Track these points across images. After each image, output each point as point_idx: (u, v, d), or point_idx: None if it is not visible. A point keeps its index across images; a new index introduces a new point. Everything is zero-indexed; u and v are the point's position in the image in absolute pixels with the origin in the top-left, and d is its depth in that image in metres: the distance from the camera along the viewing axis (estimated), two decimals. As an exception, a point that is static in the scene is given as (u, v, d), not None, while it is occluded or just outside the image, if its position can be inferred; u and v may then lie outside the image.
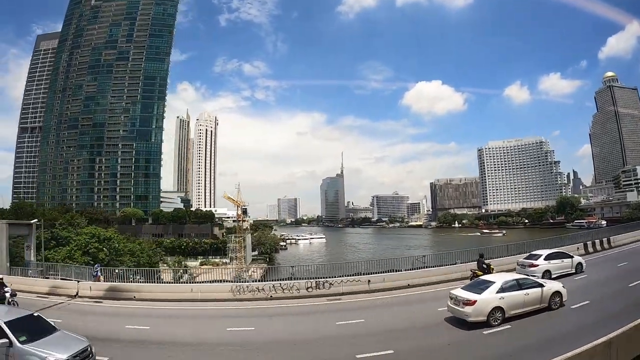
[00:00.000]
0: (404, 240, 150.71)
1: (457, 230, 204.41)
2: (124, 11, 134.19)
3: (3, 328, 10.11)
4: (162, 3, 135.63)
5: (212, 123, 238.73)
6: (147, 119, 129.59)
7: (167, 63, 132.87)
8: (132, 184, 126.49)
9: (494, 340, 12.49)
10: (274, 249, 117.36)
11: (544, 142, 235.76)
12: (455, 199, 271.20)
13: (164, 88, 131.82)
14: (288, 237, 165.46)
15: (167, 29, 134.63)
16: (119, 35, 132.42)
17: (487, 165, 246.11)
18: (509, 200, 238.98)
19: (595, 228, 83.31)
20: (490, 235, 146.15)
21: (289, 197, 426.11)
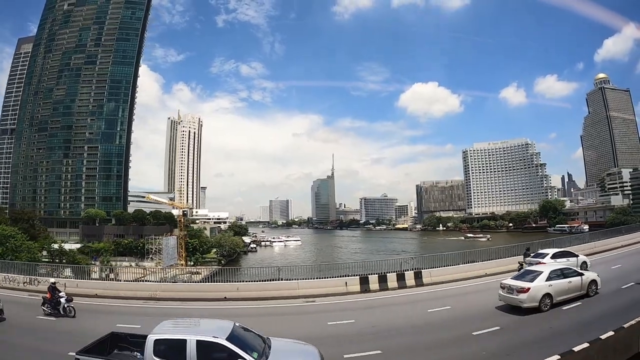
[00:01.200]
0: (384, 244, 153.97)
1: (442, 234, 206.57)
2: (93, 16, 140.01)
3: (233, 349, 8.80)
4: (131, 7, 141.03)
5: (196, 125, 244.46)
6: (113, 122, 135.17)
7: (134, 66, 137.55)
8: (96, 186, 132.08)
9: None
10: (234, 252, 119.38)
11: (530, 144, 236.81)
12: (441, 202, 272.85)
13: (129, 91, 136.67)
14: (262, 240, 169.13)
15: (135, 32, 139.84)
16: (88, 40, 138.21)
17: (471, 167, 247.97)
18: (494, 203, 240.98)
19: (577, 233, 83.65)
20: (475, 239, 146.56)
21: (281, 199, 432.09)
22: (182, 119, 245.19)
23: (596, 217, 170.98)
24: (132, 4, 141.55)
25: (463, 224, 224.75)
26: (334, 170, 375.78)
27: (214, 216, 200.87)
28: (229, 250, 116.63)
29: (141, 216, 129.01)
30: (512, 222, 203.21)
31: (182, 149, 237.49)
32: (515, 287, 16.33)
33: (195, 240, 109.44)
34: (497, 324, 14.38)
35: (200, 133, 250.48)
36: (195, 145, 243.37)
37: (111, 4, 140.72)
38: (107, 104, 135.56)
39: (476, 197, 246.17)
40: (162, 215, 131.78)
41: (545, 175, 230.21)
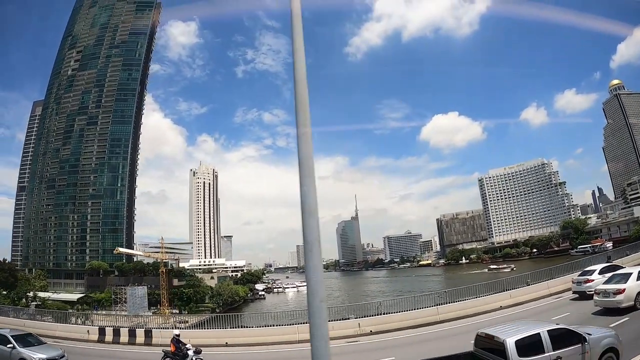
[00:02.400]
0: (401, 283, 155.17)
1: (465, 267, 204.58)
2: (94, 79, 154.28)
3: None
4: (127, 69, 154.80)
5: (210, 176, 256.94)
6: (113, 179, 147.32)
7: (132, 124, 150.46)
8: (99, 239, 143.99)
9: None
10: (233, 300, 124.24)
11: (547, 164, 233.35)
12: (463, 234, 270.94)
13: (128, 148, 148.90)
14: (275, 286, 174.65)
15: (132, 92, 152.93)
16: (89, 102, 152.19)
17: (489, 195, 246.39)
18: (515, 229, 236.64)
19: (600, 252, 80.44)
20: (499, 270, 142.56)
21: None
22: (197, 171, 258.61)
23: (620, 231, 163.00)
24: (128, 66, 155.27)
25: (486, 254, 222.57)
26: (357, 210, 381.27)
27: (230, 265, 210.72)
28: (227, 299, 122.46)
29: (140, 267, 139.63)
30: (534, 247, 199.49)
31: (197, 200, 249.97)
32: (610, 290, 18.29)
33: (189, 289, 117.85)
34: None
35: (216, 184, 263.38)
36: (211, 196, 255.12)
37: (110, 68, 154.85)
38: (108, 161, 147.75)
39: (497, 226, 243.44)
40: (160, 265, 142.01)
41: (566, 194, 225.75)
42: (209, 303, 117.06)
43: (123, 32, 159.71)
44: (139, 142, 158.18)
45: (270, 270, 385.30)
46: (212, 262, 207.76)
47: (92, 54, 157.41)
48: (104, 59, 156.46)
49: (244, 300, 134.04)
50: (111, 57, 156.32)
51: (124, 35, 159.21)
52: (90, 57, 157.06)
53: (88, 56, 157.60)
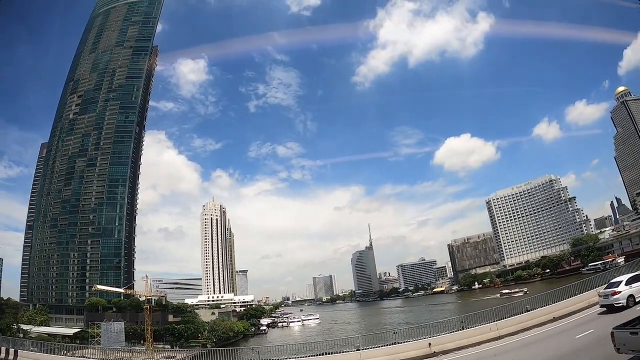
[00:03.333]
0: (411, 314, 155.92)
1: (478, 292, 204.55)
2: (93, 122, 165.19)
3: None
4: (124, 112, 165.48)
5: (218, 212, 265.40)
6: (112, 218, 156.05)
7: (129, 165, 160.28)
8: (98, 276, 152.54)
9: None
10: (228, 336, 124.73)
11: (554, 180, 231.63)
12: (475, 258, 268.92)
13: (125, 189, 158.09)
14: (279, 321, 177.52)
15: (128, 134, 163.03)
16: (89, 144, 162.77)
17: (497, 217, 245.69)
18: (526, 250, 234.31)
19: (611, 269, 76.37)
20: (510, 295, 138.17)
21: (324, 275, 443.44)
22: (205, 208, 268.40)
23: (632, 244, 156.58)
24: (125, 109, 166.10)
25: (499, 278, 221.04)
26: (371, 240, 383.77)
27: (238, 300, 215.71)
28: (222, 335, 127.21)
29: (136, 303, 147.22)
30: (545, 267, 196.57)
31: (205, 236, 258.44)
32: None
33: (181, 325, 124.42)
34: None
35: (224, 220, 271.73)
36: (219, 232, 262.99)
37: (108, 111, 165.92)
38: (106, 201, 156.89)
39: (507, 248, 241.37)
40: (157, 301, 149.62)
41: (576, 209, 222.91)
42: (201, 339, 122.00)
43: (120, 76, 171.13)
44: (138, 182, 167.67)
45: (287, 303, 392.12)
46: (220, 298, 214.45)
47: (91, 98, 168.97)
48: (102, 102, 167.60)
49: (244, 336, 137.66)
50: (109, 100, 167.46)
51: (121, 80, 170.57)
52: (90, 101, 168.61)
53: (88, 100, 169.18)
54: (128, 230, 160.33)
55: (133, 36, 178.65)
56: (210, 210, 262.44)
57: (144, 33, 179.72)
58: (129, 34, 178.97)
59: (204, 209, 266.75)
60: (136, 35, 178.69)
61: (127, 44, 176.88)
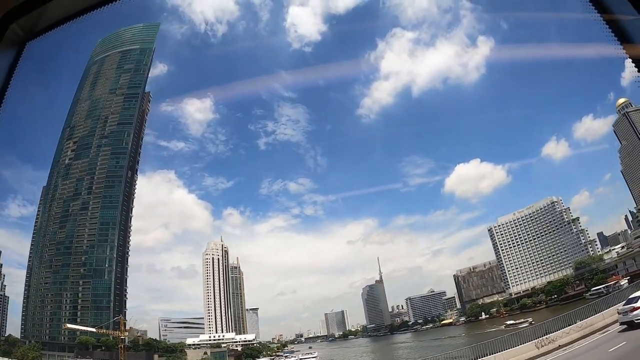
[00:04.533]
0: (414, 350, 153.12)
1: (485, 323, 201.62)
2: (87, 167, 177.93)
3: None
4: (115, 157, 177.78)
5: (219, 251, 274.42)
6: (102, 260, 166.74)
7: (119, 209, 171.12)
8: (89, 315, 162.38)
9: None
10: None
11: (556, 202, 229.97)
12: (482, 287, 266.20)
13: (116, 232, 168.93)
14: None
15: (119, 179, 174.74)
16: (82, 188, 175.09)
17: (500, 244, 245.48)
18: (532, 277, 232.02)
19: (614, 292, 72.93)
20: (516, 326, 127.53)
21: (336, 311, 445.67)
22: (207, 247, 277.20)
23: (636, 264, 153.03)
24: (116, 154, 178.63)
25: (505, 307, 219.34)
26: (381, 273, 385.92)
27: (240, 339, 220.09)
28: None
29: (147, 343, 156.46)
30: (549, 294, 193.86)
31: (207, 276, 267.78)
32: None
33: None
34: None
35: (227, 258, 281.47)
36: (221, 271, 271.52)
37: (100, 156, 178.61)
38: (97, 243, 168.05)
39: (512, 275, 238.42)
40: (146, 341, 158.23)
41: (581, 230, 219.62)
42: None
43: (112, 122, 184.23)
44: (130, 224, 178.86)
45: (300, 340, 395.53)
46: (221, 337, 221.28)
47: (85, 144, 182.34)
48: (95, 148, 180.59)
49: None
50: (101, 146, 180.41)
51: (112, 126, 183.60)
52: (84, 147, 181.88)
53: (82, 146, 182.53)
54: (120, 271, 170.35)
55: (125, 83, 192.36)
56: (212, 250, 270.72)
57: (135, 80, 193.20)
58: (121, 82, 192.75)
59: (206, 249, 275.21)
60: (128, 83, 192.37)
61: (119, 91, 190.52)
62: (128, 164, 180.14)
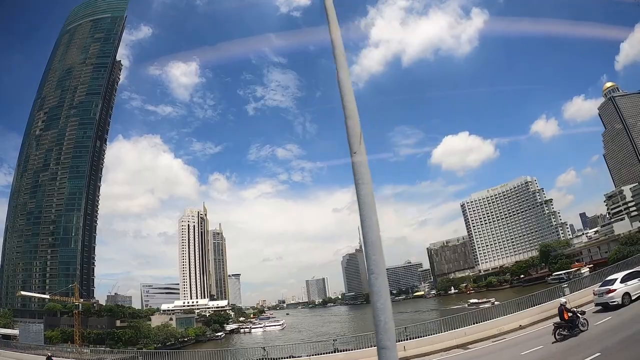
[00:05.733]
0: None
1: (454, 298, 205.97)
2: (56, 138, 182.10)
3: None
4: (82, 127, 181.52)
5: (195, 218, 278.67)
6: (69, 229, 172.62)
7: (86, 179, 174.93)
8: (56, 283, 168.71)
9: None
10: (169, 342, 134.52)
11: (530, 182, 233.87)
12: (454, 262, 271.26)
13: (82, 201, 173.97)
14: (240, 327, 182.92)
15: (85, 149, 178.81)
16: (51, 159, 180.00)
17: (472, 220, 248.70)
18: (502, 255, 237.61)
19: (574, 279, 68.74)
20: (478, 306, 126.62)
21: (317, 278, 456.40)
22: (182, 215, 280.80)
23: (600, 252, 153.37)
24: (83, 125, 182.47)
25: (474, 283, 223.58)
26: (361, 243, 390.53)
27: (213, 305, 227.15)
28: (164, 340, 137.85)
29: (87, 308, 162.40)
30: (514, 274, 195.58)
31: (182, 243, 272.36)
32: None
33: (120, 330, 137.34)
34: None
35: (205, 225, 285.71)
36: (196, 238, 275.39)
37: (68, 127, 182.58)
38: (64, 213, 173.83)
39: (482, 252, 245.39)
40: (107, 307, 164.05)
41: (552, 212, 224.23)
42: (139, 344, 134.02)
43: (81, 93, 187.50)
44: (98, 194, 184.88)
45: (282, 306, 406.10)
46: (195, 303, 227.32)
47: (55, 114, 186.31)
48: (64, 119, 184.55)
49: (197, 341, 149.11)
50: (70, 117, 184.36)
51: (81, 96, 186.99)
52: (53, 118, 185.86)
53: (52, 117, 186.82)
54: (88, 239, 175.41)
55: (95, 53, 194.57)
56: (187, 217, 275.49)
57: (105, 50, 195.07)
58: (91, 51, 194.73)
59: (181, 216, 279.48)
60: (97, 52, 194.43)
61: (89, 61, 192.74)
62: (96, 133, 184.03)
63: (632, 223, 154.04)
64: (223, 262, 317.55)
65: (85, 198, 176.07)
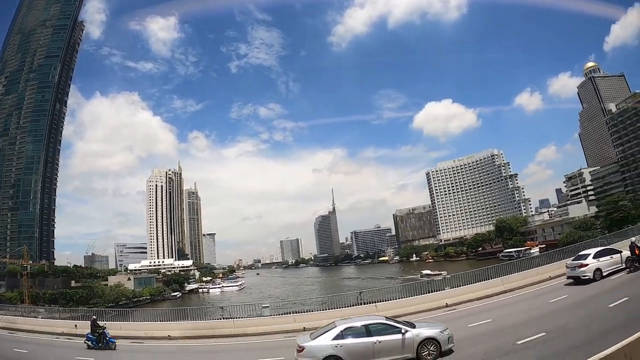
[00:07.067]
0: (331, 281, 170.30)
1: (415, 265, 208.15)
2: (16, 102, 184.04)
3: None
4: (41, 91, 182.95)
5: (163, 178, 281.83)
6: (27, 192, 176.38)
7: (43, 143, 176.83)
8: (17, 245, 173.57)
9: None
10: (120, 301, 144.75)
11: (497, 155, 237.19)
12: (418, 229, 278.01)
13: (40, 165, 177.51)
14: (200, 287, 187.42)
15: (44, 113, 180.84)
16: (11, 124, 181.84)
17: (436, 189, 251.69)
18: (463, 226, 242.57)
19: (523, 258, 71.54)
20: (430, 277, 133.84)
21: (291, 239, 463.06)
22: (150, 175, 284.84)
23: (554, 234, 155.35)
24: (42, 88, 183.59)
25: (436, 252, 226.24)
26: (334, 205, 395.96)
27: (178, 265, 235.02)
28: (115, 300, 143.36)
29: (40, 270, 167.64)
30: (471, 247, 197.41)
31: (150, 203, 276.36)
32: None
33: (72, 290, 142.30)
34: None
35: (173, 185, 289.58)
36: (164, 197, 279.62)
37: (27, 91, 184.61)
38: (23, 177, 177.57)
39: (445, 222, 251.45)
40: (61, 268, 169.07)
41: (517, 187, 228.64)
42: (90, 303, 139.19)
43: (40, 56, 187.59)
44: (57, 157, 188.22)
45: (257, 265, 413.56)
46: (161, 263, 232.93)
47: (15, 79, 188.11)
48: (23, 83, 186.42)
49: (152, 301, 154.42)
50: (29, 81, 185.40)
51: (40, 59, 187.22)
52: (13, 82, 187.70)
53: (12, 81, 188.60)
54: (47, 202, 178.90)
55: (55, 14, 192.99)
56: (155, 177, 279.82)
57: (65, 11, 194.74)
58: (52, 12, 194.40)
59: (150, 176, 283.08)
60: (58, 14, 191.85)
61: (49, 23, 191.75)
62: (56, 97, 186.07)
63: (589, 207, 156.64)
64: (198, 221, 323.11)
65: (44, 161, 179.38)
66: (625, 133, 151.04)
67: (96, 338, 24.53)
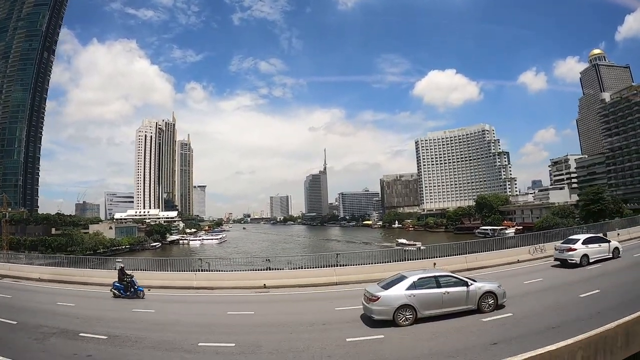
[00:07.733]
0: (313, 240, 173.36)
1: (397, 232, 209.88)
2: (3, 51, 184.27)
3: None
4: (29, 40, 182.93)
5: (153, 129, 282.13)
6: (11, 141, 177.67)
7: (30, 91, 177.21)
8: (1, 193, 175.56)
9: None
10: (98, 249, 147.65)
11: (488, 131, 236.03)
12: (404, 197, 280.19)
13: (26, 113, 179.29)
14: (181, 238, 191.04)
15: (31, 61, 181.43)
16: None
17: (423, 159, 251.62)
18: (447, 198, 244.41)
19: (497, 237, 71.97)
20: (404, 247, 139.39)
21: (281, 195, 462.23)
22: (140, 125, 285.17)
23: (532, 216, 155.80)
24: (30, 37, 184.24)
25: (418, 221, 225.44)
26: (325, 165, 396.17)
27: (163, 215, 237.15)
28: (93, 248, 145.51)
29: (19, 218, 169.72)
30: (451, 219, 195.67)
31: (138, 153, 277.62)
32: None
33: (51, 237, 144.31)
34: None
35: (163, 136, 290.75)
36: (153, 149, 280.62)
37: (15, 39, 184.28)
38: (9, 126, 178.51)
39: (429, 192, 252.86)
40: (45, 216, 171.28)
41: (504, 165, 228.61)
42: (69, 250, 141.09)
43: (29, 4, 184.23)
44: (44, 106, 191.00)
45: (247, 220, 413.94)
46: (146, 213, 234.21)
47: (3, 27, 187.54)
48: (12, 31, 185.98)
49: (131, 250, 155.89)
50: (17, 29, 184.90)
51: (29, 8, 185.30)
52: (2, 30, 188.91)
53: (1, 29, 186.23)
54: (32, 150, 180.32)
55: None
56: (144, 127, 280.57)
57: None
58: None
59: (139, 126, 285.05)
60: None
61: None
62: (44, 45, 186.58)
63: (570, 195, 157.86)
64: (189, 172, 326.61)
65: (30, 110, 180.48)
66: (616, 125, 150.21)
67: (124, 287, 23.97)
